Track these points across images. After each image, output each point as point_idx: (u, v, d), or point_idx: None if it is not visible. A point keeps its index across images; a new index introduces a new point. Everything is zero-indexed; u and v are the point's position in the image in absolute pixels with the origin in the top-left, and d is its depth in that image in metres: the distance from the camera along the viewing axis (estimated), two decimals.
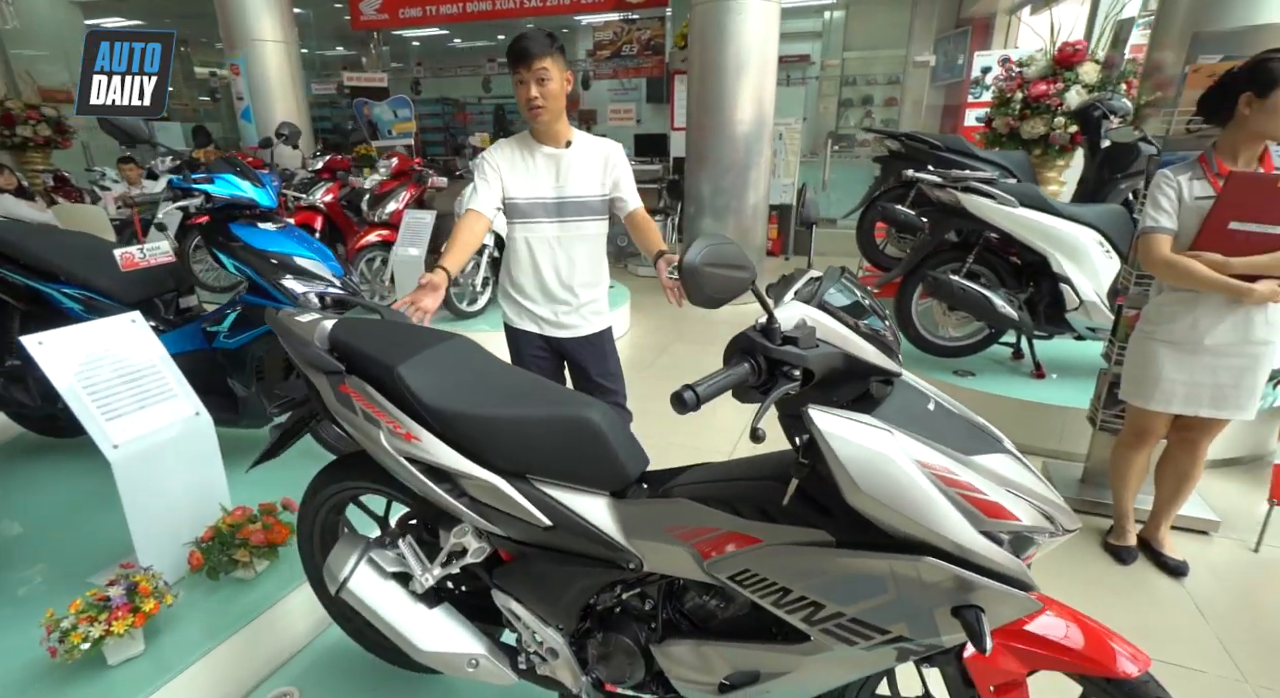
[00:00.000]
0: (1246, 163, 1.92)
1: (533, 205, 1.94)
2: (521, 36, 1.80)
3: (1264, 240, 1.84)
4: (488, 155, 1.95)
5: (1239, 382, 2.01)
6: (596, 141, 1.99)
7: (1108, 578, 2.28)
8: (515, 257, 2.01)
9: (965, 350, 3.51)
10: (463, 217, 1.91)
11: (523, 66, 1.78)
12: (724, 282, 0.92)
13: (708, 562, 1.11)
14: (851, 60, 10.76)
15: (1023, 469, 0.99)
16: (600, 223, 2.02)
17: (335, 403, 1.34)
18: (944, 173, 3.23)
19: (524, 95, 1.82)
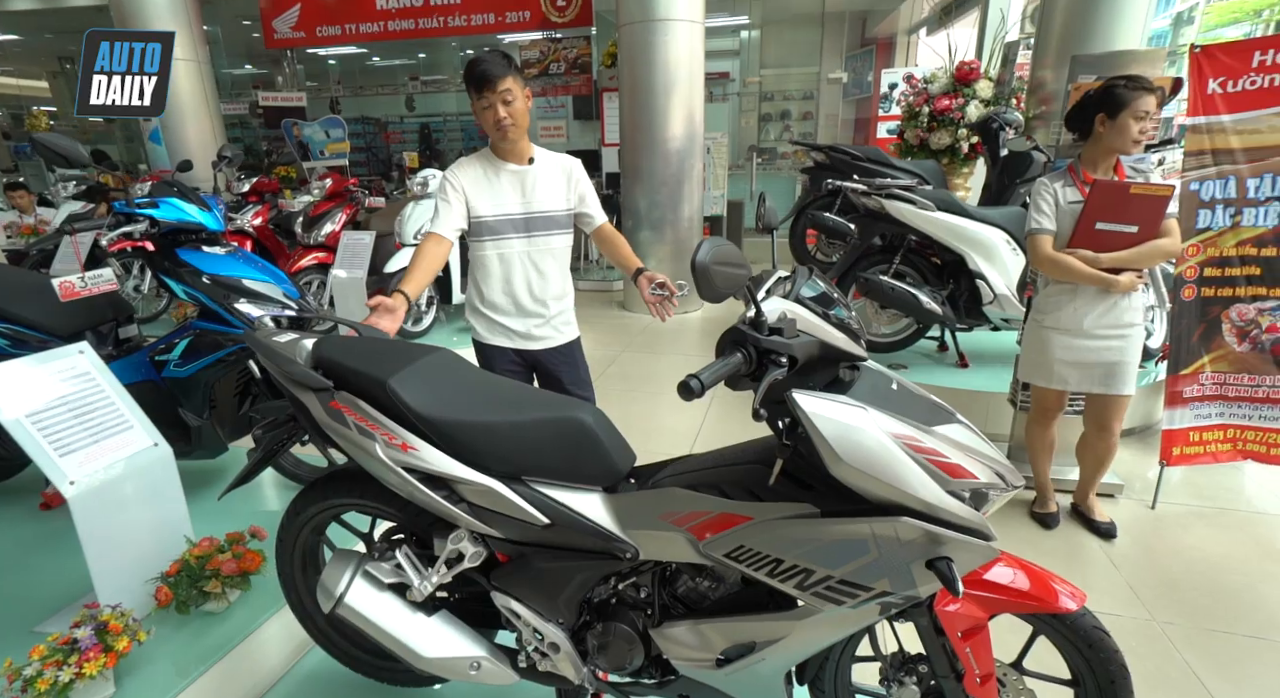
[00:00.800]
0: (1104, 172, 2.23)
1: (501, 222, 1.96)
2: (479, 61, 1.81)
3: (1123, 238, 2.16)
4: (450, 176, 1.94)
5: (1120, 360, 2.30)
6: (557, 157, 2.04)
7: (1035, 541, 2.52)
8: (486, 273, 2.01)
9: (897, 345, 3.78)
10: (424, 240, 1.89)
11: (487, 89, 1.80)
12: (728, 278, 1.02)
13: (703, 543, 1.20)
14: (768, 77, 11.28)
15: (974, 436, 1.13)
16: (566, 236, 2.06)
17: (326, 419, 1.35)
18: (868, 181, 3.49)
19: (491, 117, 1.84)
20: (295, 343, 1.44)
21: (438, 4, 8.03)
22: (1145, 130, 2.13)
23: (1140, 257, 2.19)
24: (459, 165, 1.98)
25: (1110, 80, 2.17)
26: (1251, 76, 2.34)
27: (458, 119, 12.12)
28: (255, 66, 13.17)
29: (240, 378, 2.29)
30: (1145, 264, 2.23)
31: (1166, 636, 2.01)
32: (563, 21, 7.77)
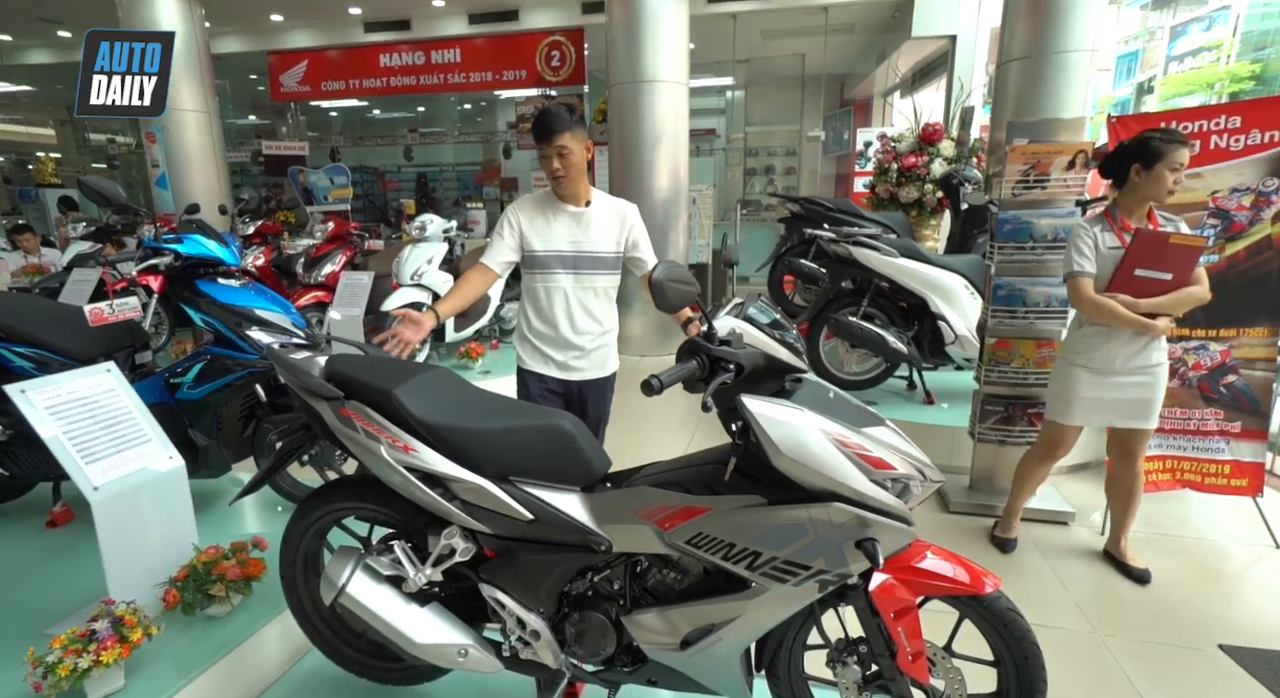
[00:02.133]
0: (1139, 220, 2.34)
1: (550, 257, 2.06)
2: (545, 113, 1.95)
3: (1158, 285, 2.26)
4: (510, 212, 2.08)
5: (1145, 396, 2.39)
6: (614, 202, 2.14)
7: (990, 564, 2.67)
8: (533, 302, 2.12)
9: (867, 383, 3.99)
10: (473, 267, 2.04)
11: (545, 143, 1.94)
12: (680, 292, 1.23)
13: (667, 533, 1.37)
14: (752, 134, 11.87)
15: (899, 437, 1.33)
16: (613, 276, 2.14)
17: (337, 424, 1.52)
18: (837, 230, 3.77)
19: (548, 167, 1.98)
20: (310, 359, 1.63)
21: (439, 62, 8.54)
22: (1179, 181, 2.25)
23: (1175, 303, 2.27)
24: (520, 202, 2.12)
25: (1146, 132, 2.29)
26: None
27: (454, 169, 12.59)
28: (259, 117, 13.68)
29: (245, 402, 2.45)
30: (1178, 310, 2.32)
31: (1106, 646, 2.16)
32: (557, 80, 8.27)
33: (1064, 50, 4.39)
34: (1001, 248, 2.91)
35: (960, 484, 3.25)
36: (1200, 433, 2.78)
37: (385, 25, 8.92)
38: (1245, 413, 2.78)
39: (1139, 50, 12.82)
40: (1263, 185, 2.65)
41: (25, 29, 9.65)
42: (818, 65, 10.12)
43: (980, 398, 3.05)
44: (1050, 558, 2.70)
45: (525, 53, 8.24)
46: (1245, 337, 2.75)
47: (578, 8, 8.26)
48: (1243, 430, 2.79)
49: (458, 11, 8.61)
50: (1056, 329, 2.91)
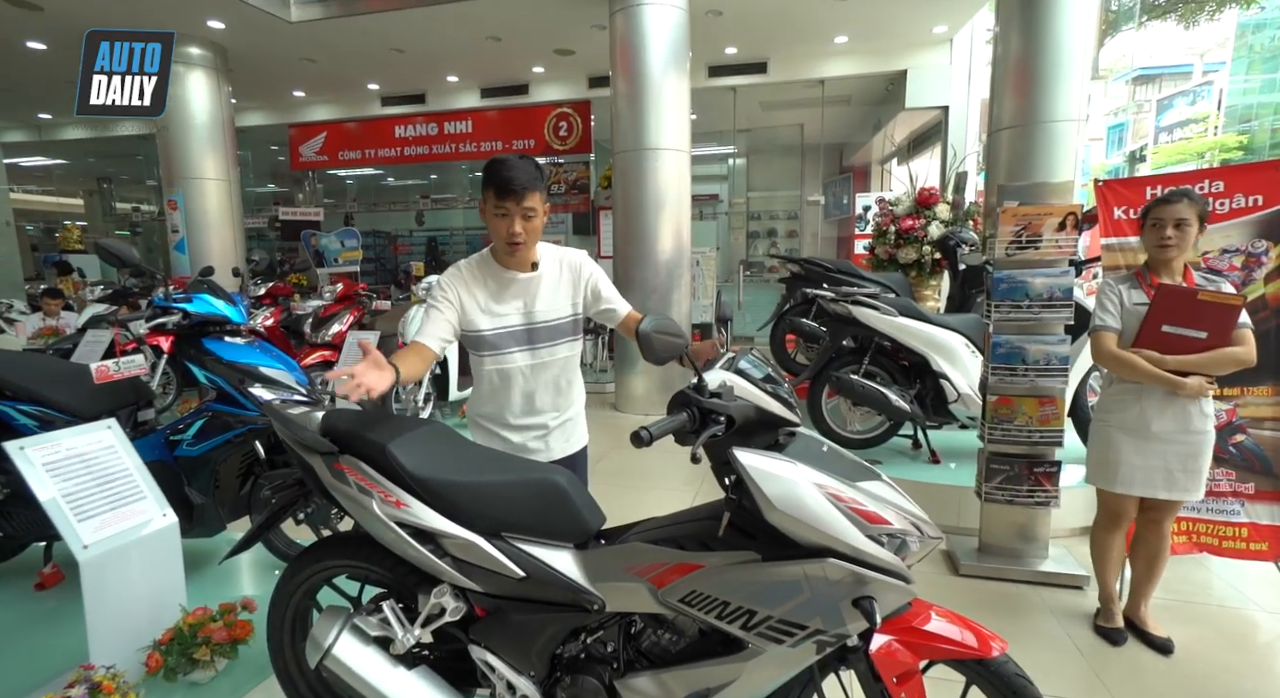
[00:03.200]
0: (1170, 277, 2.29)
1: (500, 336, 1.80)
2: (509, 166, 1.66)
3: (1190, 342, 2.18)
4: (445, 284, 1.78)
5: (1185, 466, 2.26)
6: (560, 254, 1.87)
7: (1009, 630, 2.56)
8: (484, 386, 1.87)
9: (870, 442, 3.95)
10: (408, 345, 1.70)
11: (510, 200, 1.66)
12: (667, 344, 1.25)
13: (661, 591, 1.34)
14: (754, 199, 12.24)
15: (894, 492, 1.31)
16: (574, 343, 1.89)
17: (330, 479, 1.52)
18: (836, 289, 3.83)
19: (505, 228, 1.69)
20: (307, 415, 1.64)
21: (451, 132, 8.93)
22: (1166, 238, 2.23)
23: (1209, 363, 2.17)
24: (455, 274, 1.81)
25: (1152, 201, 2.32)
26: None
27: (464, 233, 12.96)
28: (278, 185, 14.24)
29: (244, 460, 2.45)
30: (1215, 370, 2.20)
31: None
32: (564, 148, 8.61)
33: (1051, 120, 4.56)
34: (998, 306, 2.94)
35: (969, 547, 3.15)
36: (1213, 494, 2.71)
37: (401, 99, 9.41)
38: (1258, 474, 2.72)
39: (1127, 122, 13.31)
40: (1252, 246, 2.69)
41: (64, 107, 10.21)
42: (816, 134, 10.54)
43: (985, 457, 3.01)
44: (1065, 624, 2.59)
45: (534, 123, 8.62)
46: (1250, 396, 2.73)
47: (585, 82, 8.71)
48: (1257, 492, 2.72)
49: (470, 87, 9.08)
50: (1058, 387, 2.90)
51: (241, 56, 7.63)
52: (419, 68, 8.38)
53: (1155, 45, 10.55)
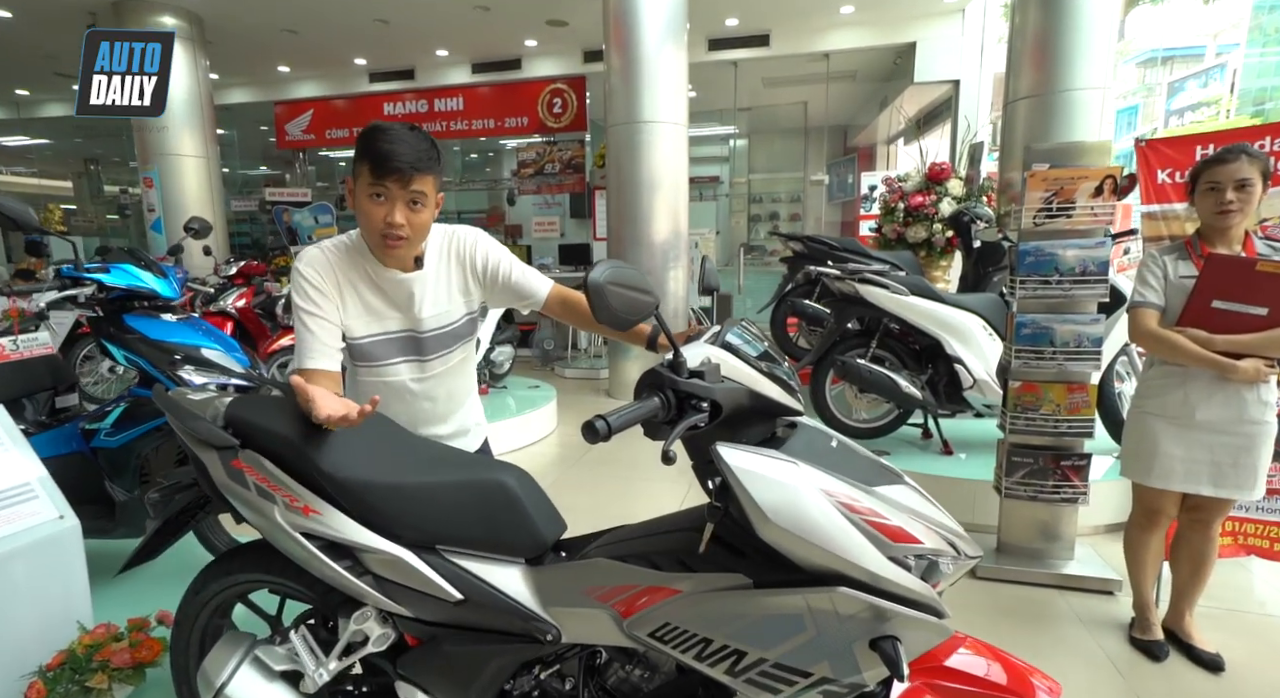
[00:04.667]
0: (1228, 246, 2.01)
1: (379, 344, 1.43)
2: (392, 135, 1.27)
3: (1246, 320, 1.89)
4: (309, 275, 1.35)
5: (1237, 461, 1.99)
6: (446, 240, 1.48)
7: (1033, 641, 2.29)
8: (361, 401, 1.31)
9: (878, 431, 3.67)
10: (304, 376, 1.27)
11: (391, 179, 1.26)
12: (629, 301, 0.95)
13: (627, 621, 1.07)
14: (756, 181, 11.88)
15: (922, 499, 1.03)
16: (467, 345, 1.57)
17: (225, 479, 1.24)
18: (842, 267, 3.53)
19: (380, 216, 1.28)
20: (210, 401, 1.36)
21: (442, 110, 8.59)
22: (1227, 203, 1.94)
23: (1267, 343, 1.89)
24: (321, 261, 1.37)
25: (1202, 161, 2.05)
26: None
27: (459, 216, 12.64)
28: (270, 167, 13.89)
29: (179, 451, 2.18)
30: (1275, 352, 1.91)
31: None
32: (558, 127, 8.27)
33: (1073, 88, 4.24)
34: (1023, 282, 2.64)
35: (987, 546, 2.88)
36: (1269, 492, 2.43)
37: (390, 75, 9.05)
38: None
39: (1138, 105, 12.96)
40: None
41: (42, 83, 9.88)
42: (820, 114, 10.16)
43: (1005, 448, 2.73)
44: (1097, 634, 2.32)
45: (527, 100, 8.28)
46: None
47: (579, 57, 8.34)
48: None
49: (461, 62, 8.72)
50: (1089, 371, 2.61)
51: (220, 28, 7.29)
52: (406, 41, 8.02)
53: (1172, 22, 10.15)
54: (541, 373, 6.92)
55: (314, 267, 1.37)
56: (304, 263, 1.38)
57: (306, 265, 1.37)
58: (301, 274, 1.36)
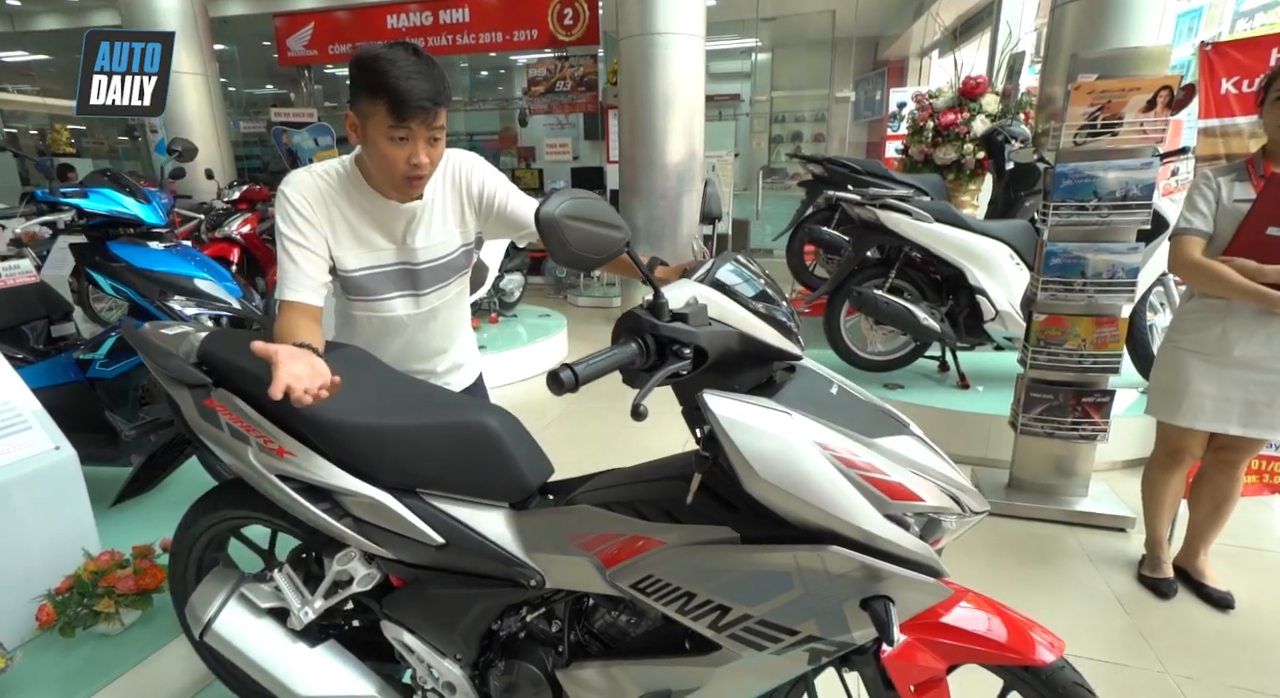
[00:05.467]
0: None
1: (373, 277, 1.36)
2: (401, 67, 1.14)
3: None
4: (296, 202, 1.25)
5: (1273, 400, 1.87)
6: (446, 168, 1.39)
7: (1038, 577, 2.28)
8: (352, 333, 1.48)
9: (893, 364, 3.57)
10: (282, 314, 1.22)
11: (416, 120, 1.16)
12: (592, 238, 0.83)
13: (610, 571, 1.03)
14: (779, 99, 11.25)
15: (927, 451, 0.95)
16: (463, 278, 1.50)
17: (198, 419, 1.20)
18: (863, 191, 3.33)
19: (403, 158, 1.20)
20: (184, 336, 1.31)
21: (447, 22, 8.11)
22: None
23: None
24: (312, 188, 1.28)
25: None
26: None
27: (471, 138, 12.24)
28: (276, 86, 13.43)
29: None
30: None
31: (1183, 693, 1.77)
32: (570, 40, 7.78)
33: None
34: (1058, 208, 2.45)
35: (998, 481, 2.84)
36: None
37: None
38: None
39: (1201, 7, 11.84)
40: None
41: None
42: (849, 24, 9.44)
43: (1025, 383, 2.62)
44: (1106, 573, 2.29)
45: (537, 11, 7.75)
46: None
47: None
48: None
49: None
50: (1120, 304, 2.46)
51: None
52: None
53: None
54: (554, 301, 6.83)
55: (302, 193, 1.27)
56: (291, 187, 1.28)
57: (294, 190, 1.27)
58: (288, 198, 1.27)
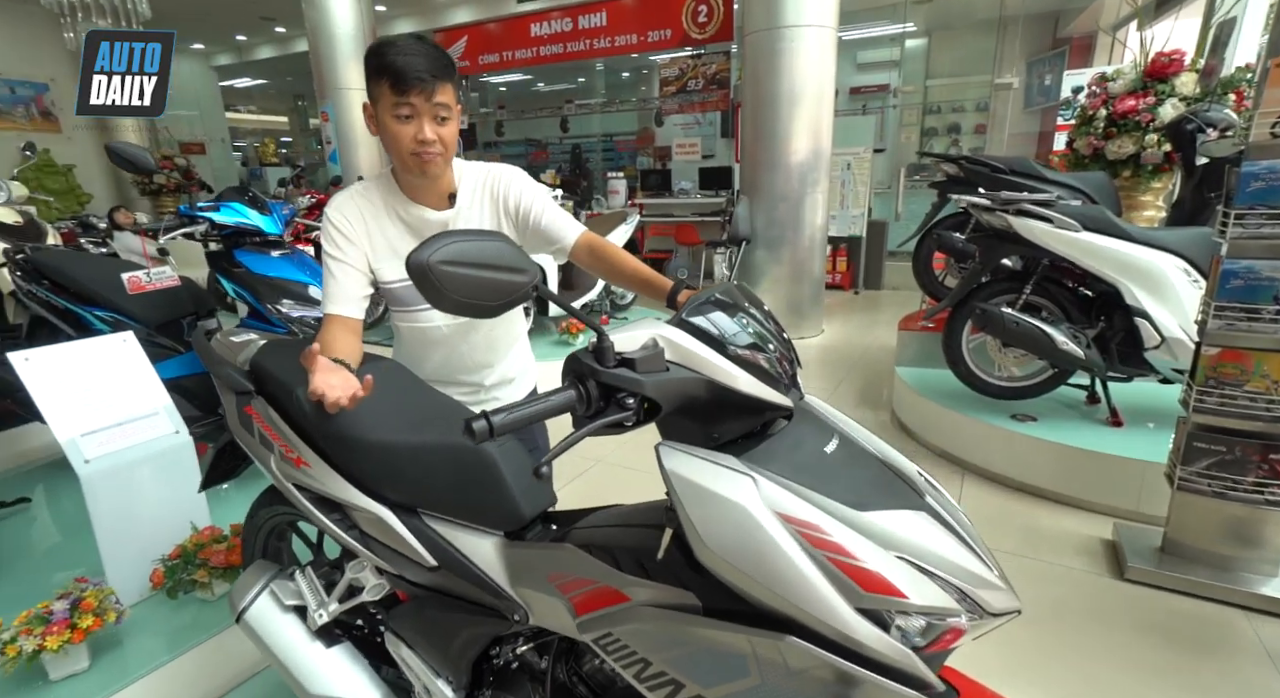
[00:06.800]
0: None
1: (409, 289, 1.38)
2: (404, 48, 1.20)
3: None
4: (337, 221, 1.34)
5: None
6: (478, 174, 1.43)
7: (1192, 670, 1.87)
8: (401, 347, 1.55)
9: (1026, 392, 3.12)
10: (325, 326, 1.31)
11: (415, 93, 1.21)
12: (483, 284, 0.76)
13: (579, 619, 0.96)
14: (935, 88, 10.33)
15: (939, 531, 0.79)
16: None
17: (237, 424, 1.31)
18: (992, 195, 2.93)
19: (409, 136, 1.24)
20: (246, 344, 1.42)
21: (585, 27, 8.37)
22: None
23: None
24: (349, 203, 1.36)
25: None
26: None
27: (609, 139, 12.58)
28: None
29: None
30: None
31: None
32: (704, 37, 7.71)
33: None
34: (1243, 216, 1.99)
35: (1149, 542, 2.37)
36: None
37: None
38: None
39: None
40: None
41: (252, 27, 11.11)
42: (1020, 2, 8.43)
43: (1186, 430, 2.17)
44: None
45: (671, 10, 7.77)
46: None
47: None
48: None
49: None
50: None
51: None
52: None
53: None
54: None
55: (341, 211, 1.36)
56: (332, 207, 1.38)
57: (334, 210, 1.37)
58: (330, 219, 1.36)
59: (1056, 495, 2.80)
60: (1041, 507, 2.77)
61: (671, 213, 8.00)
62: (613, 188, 8.25)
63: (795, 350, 0.93)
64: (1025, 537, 2.55)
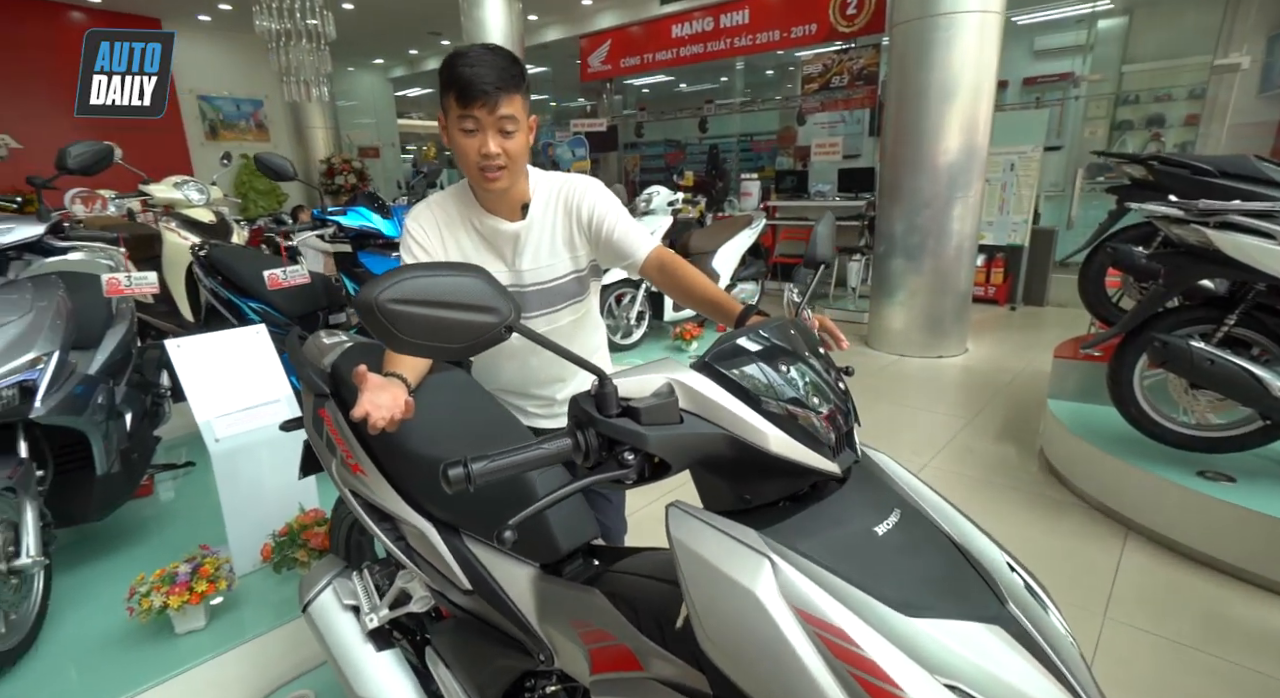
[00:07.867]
0: None
1: None
2: (471, 58, 1.17)
3: None
4: (414, 231, 1.36)
5: None
6: (551, 185, 1.39)
7: None
8: (480, 358, 1.52)
9: (1222, 445, 2.55)
10: None
11: (478, 106, 1.18)
12: (445, 325, 0.67)
13: (593, 678, 0.88)
14: (1132, 74, 8.97)
15: (1016, 654, 0.61)
16: (579, 305, 1.46)
17: (310, 425, 1.36)
18: (1187, 204, 2.43)
19: (475, 150, 1.22)
20: (335, 346, 1.49)
21: (727, 26, 8.22)
22: None
23: None
24: (427, 214, 1.38)
25: None
26: None
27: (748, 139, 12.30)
28: (586, 98, 15.24)
29: None
30: None
31: None
32: (851, 30, 7.27)
33: None
34: None
35: None
36: None
37: None
38: None
39: None
40: None
41: (423, 42, 12.16)
42: None
43: None
44: None
45: (818, 3, 7.39)
46: None
47: None
48: None
49: None
50: None
51: None
52: None
53: None
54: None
55: (421, 224, 1.38)
56: (411, 217, 1.40)
57: (412, 219, 1.39)
58: (409, 230, 1.38)
59: (1255, 578, 2.26)
60: (1233, 589, 2.25)
61: (806, 216, 7.65)
62: (745, 189, 8.04)
63: (853, 404, 0.78)
64: (1206, 626, 2.08)
